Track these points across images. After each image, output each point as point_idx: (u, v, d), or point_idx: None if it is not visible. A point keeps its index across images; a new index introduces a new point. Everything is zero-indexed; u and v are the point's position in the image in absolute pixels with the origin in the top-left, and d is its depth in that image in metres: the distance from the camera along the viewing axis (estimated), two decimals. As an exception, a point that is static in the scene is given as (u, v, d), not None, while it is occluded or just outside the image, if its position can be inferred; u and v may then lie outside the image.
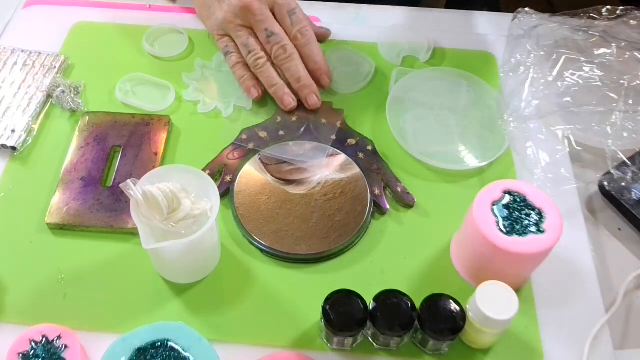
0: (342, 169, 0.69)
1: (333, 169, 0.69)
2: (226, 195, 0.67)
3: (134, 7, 0.86)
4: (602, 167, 0.71)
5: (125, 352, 0.54)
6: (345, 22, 0.86)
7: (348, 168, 0.69)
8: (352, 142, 0.72)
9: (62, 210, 0.65)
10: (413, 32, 0.83)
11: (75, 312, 0.60)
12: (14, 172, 0.69)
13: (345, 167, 0.69)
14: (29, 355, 0.54)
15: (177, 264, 0.60)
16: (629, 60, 0.76)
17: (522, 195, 0.58)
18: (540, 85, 0.75)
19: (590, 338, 0.59)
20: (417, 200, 0.68)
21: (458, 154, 0.72)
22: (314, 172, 0.68)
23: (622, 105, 0.72)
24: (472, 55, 0.82)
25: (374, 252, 0.64)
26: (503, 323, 0.54)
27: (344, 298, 0.55)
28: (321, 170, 0.68)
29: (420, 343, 0.58)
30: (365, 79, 0.78)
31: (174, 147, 0.72)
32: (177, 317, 0.60)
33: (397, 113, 0.74)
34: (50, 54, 0.79)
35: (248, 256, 0.64)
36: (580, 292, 0.63)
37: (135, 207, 0.54)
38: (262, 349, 0.58)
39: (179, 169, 0.57)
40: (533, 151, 0.72)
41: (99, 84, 0.77)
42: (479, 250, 0.59)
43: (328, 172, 0.68)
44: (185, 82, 0.77)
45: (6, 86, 0.75)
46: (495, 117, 0.74)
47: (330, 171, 0.68)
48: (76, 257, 0.63)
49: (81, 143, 0.70)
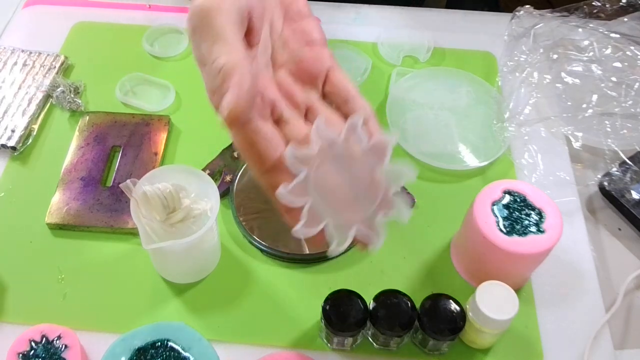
0: (342, 169, 0.69)
1: (333, 169, 0.68)
2: (226, 195, 0.67)
3: (134, 7, 0.86)
4: (602, 167, 0.71)
5: (125, 352, 0.54)
6: (345, 22, 0.86)
7: (348, 168, 0.69)
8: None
9: (62, 210, 0.65)
10: (413, 32, 0.83)
11: (75, 312, 0.60)
12: (14, 172, 0.69)
13: (345, 167, 0.69)
14: (29, 355, 0.54)
15: (177, 263, 0.60)
16: (629, 58, 0.76)
17: (522, 195, 0.58)
18: (540, 85, 0.75)
19: (590, 338, 0.59)
20: (417, 200, 0.68)
21: (458, 154, 0.72)
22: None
23: (621, 105, 0.72)
24: (472, 55, 0.82)
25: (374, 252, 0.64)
26: (503, 323, 0.54)
27: (344, 298, 0.55)
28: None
29: (420, 343, 0.58)
30: (363, 75, 0.78)
31: (174, 147, 0.72)
32: (177, 317, 0.60)
33: (397, 113, 0.74)
34: (50, 54, 0.79)
35: (248, 256, 0.64)
36: (580, 292, 0.63)
37: (135, 207, 0.54)
38: (262, 349, 0.58)
39: (179, 169, 0.57)
40: (533, 151, 0.72)
41: (99, 84, 0.77)
42: (479, 250, 0.59)
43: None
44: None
45: (6, 86, 0.75)
46: (495, 117, 0.74)
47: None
48: (76, 257, 0.63)
49: (81, 143, 0.70)
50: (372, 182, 0.45)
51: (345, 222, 0.45)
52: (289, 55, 0.49)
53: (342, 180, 0.45)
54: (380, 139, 0.44)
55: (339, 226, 0.45)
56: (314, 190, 0.44)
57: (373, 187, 0.45)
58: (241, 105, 0.41)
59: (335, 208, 0.45)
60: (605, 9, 0.79)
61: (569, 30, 0.79)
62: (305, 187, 0.44)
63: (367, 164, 0.44)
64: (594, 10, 0.79)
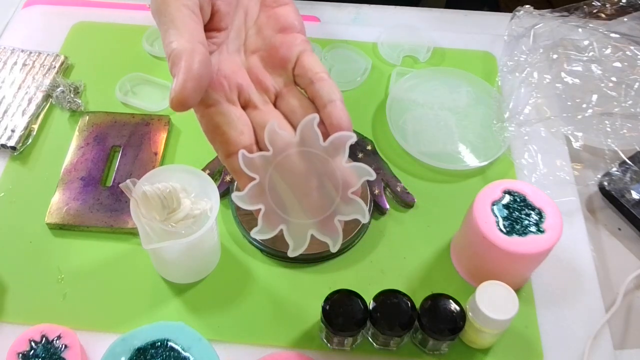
0: (342, 169, 0.68)
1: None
2: (226, 195, 0.67)
3: (134, 7, 0.86)
4: (602, 167, 0.71)
5: (125, 352, 0.54)
6: (345, 22, 0.86)
7: (348, 168, 0.69)
8: (352, 142, 0.71)
9: (62, 210, 0.65)
10: (413, 32, 0.83)
11: (75, 312, 0.60)
12: (14, 172, 0.69)
13: (345, 167, 0.69)
14: (28, 355, 0.54)
15: (177, 264, 0.60)
16: (629, 58, 0.76)
17: (522, 195, 0.58)
18: (540, 85, 0.75)
19: (590, 338, 0.59)
20: (417, 200, 0.68)
21: (458, 154, 0.72)
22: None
23: (621, 105, 0.72)
24: (471, 55, 0.82)
25: (374, 252, 0.64)
26: (503, 323, 0.54)
27: (344, 298, 0.55)
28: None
29: (420, 343, 0.58)
30: (363, 75, 0.78)
31: (174, 147, 0.72)
32: (177, 317, 0.60)
33: (397, 113, 0.74)
34: (50, 53, 0.79)
35: (248, 256, 0.64)
36: (580, 292, 0.63)
37: (135, 207, 0.54)
38: (262, 349, 0.58)
39: (179, 168, 0.57)
40: (533, 151, 0.72)
41: (98, 84, 0.77)
42: (479, 250, 0.59)
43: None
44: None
45: (6, 86, 0.75)
46: (495, 117, 0.74)
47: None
48: (76, 257, 0.63)
49: (81, 143, 0.70)
50: (330, 179, 0.44)
51: (302, 225, 0.44)
52: (262, 42, 0.49)
53: (300, 180, 0.44)
54: (337, 136, 0.43)
55: (296, 229, 0.45)
56: (269, 195, 0.44)
57: (332, 184, 0.44)
58: (188, 89, 0.41)
59: (293, 210, 0.45)
60: (605, 9, 0.79)
61: (569, 30, 0.79)
62: (260, 192, 0.44)
63: (326, 160, 0.44)
64: (594, 10, 0.79)
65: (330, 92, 0.46)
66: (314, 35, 0.83)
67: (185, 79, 0.41)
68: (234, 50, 0.48)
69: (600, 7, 0.79)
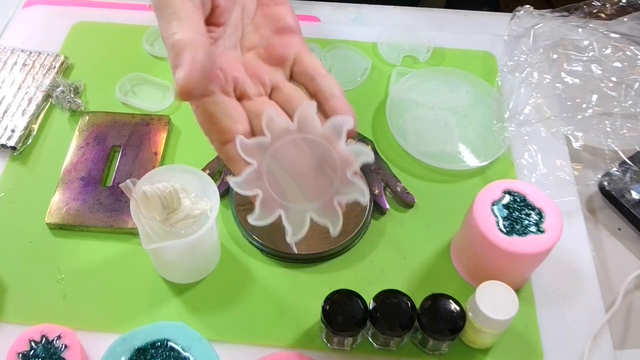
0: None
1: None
2: (226, 195, 0.67)
3: (134, 7, 0.86)
4: (602, 167, 0.71)
5: (125, 352, 0.54)
6: (345, 22, 0.86)
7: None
8: (352, 142, 0.71)
9: (62, 210, 0.65)
10: (413, 32, 0.83)
11: (75, 312, 0.60)
12: (14, 172, 0.69)
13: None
14: (28, 355, 0.54)
15: (177, 264, 0.60)
16: (629, 58, 0.76)
17: (522, 195, 0.58)
18: (540, 85, 0.75)
19: (590, 338, 0.59)
20: (417, 200, 0.68)
21: (458, 154, 0.72)
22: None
23: (621, 105, 0.72)
24: (471, 55, 0.82)
25: (374, 252, 0.64)
26: (503, 323, 0.54)
27: (344, 298, 0.55)
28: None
29: (420, 343, 0.58)
30: (363, 75, 0.78)
31: (174, 147, 0.72)
32: (177, 317, 0.60)
33: (397, 113, 0.74)
34: (50, 53, 0.79)
35: (248, 256, 0.64)
36: (580, 292, 0.63)
37: (135, 207, 0.54)
38: (262, 349, 0.58)
39: (179, 168, 0.57)
40: (533, 151, 0.72)
41: (98, 84, 0.77)
42: (479, 250, 0.59)
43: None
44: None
45: (6, 86, 0.75)
46: (495, 117, 0.74)
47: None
48: (76, 257, 0.63)
49: (81, 143, 0.70)
50: (329, 164, 0.44)
51: (301, 210, 0.44)
52: (259, 40, 0.50)
53: (299, 166, 0.44)
54: (335, 119, 0.43)
55: (295, 215, 0.44)
56: (267, 181, 0.44)
57: (330, 168, 0.44)
58: (193, 79, 0.41)
59: (291, 195, 0.45)
60: (605, 9, 0.79)
61: (569, 30, 0.79)
62: (258, 178, 0.44)
63: (324, 146, 0.43)
64: (593, 10, 0.79)
65: (331, 85, 0.47)
66: (314, 35, 0.83)
67: (191, 68, 0.41)
68: (230, 46, 0.49)
69: (600, 7, 0.79)
